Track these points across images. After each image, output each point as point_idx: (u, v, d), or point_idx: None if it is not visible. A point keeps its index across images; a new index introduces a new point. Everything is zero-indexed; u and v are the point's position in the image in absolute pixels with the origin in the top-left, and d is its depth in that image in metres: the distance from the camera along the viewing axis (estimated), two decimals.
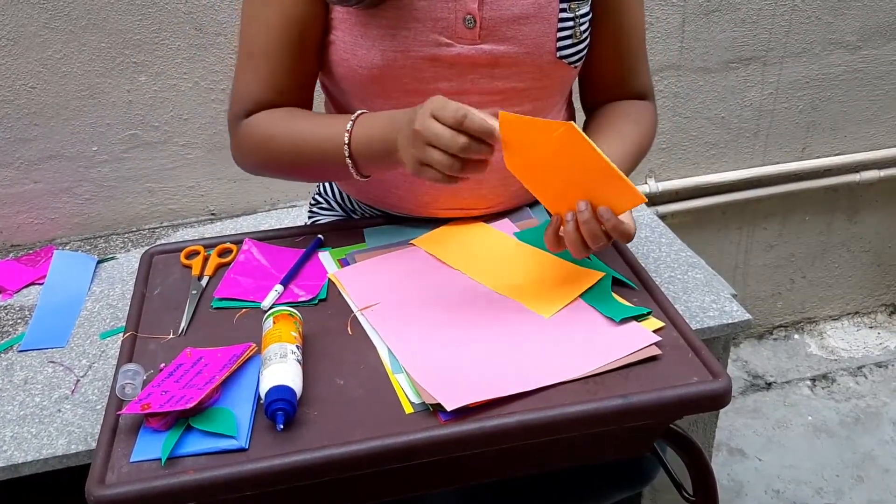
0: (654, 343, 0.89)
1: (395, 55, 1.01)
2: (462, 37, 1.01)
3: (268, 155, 1.08)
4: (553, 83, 1.08)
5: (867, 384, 2.22)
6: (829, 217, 2.22)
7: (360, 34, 1.01)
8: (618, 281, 1.00)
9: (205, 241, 1.13)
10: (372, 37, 1.01)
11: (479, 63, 1.03)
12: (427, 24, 1.00)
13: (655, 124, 1.19)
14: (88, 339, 1.38)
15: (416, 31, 1.00)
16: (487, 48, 1.02)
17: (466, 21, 1.00)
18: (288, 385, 0.81)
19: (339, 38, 1.03)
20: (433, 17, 1.00)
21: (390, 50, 1.01)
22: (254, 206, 1.80)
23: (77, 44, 1.56)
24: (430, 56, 1.02)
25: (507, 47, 1.03)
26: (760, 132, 2.01)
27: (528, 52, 1.03)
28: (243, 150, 1.11)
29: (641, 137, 1.13)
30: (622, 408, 0.80)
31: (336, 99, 1.15)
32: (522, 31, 1.02)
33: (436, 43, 1.01)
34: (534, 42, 1.03)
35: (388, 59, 1.01)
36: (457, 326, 0.93)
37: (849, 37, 1.93)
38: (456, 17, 1.00)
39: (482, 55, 1.03)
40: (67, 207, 1.70)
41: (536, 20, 1.02)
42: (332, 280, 1.04)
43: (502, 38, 1.02)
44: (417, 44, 1.01)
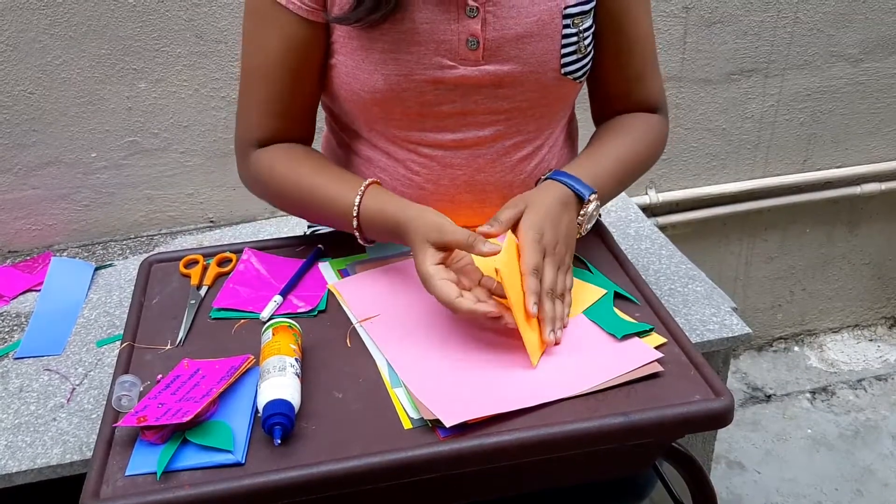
0: (656, 360, 0.88)
1: (397, 79, 1.00)
2: (465, 58, 1.00)
3: (276, 201, 1.11)
4: (557, 100, 1.08)
5: (867, 397, 2.21)
6: (830, 229, 2.21)
7: (362, 58, 1.00)
8: (620, 295, 1.00)
9: (204, 250, 1.12)
10: (374, 60, 1.00)
11: (483, 84, 1.02)
12: (430, 46, 0.99)
13: (662, 137, 1.16)
14: (85, 346, 1.37)
15: (419, 54, 0.99)
16: (491, 69, 1.01)
17: (469, 42, 0.99)
18: (286, 399, 0.80)
19: (340, 62, 1.02)
20: (436, 39, 0.99)
21: (393, 74, 1.00)
22: (253, 214, 1.80)
23: (77, 50, 1.55)
24: (433, 79, 1.00)
25: (511, 67, 1.01)
26: (761, 144, 2.01)
27: (532, 70, 1.02)
28: (252, 185, 1.13)
29: (632, 153, 1.10)
30: (623, 426, 0.79)
31: (338, 120, 1.15)
32: (526, 49, 1.01)
33: (438, 65, 1.00)
34: (538, 60, 1.02)
35: (390, 82, 1.00)
36: (456, 340, 0.92)
37: (851, 49, 1.93)
38: (459, 38, 0.99)
39: (486, 76, 1.02)
40: (66, 214, 1.69)
41: (540, 38, 1.01)
42: (331, 291, 1.04)
43: (506, 58, 1.01)
44: (420, 67, 1.00)
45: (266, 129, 1.07)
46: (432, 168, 1.08)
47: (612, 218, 1.69)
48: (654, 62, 1.15)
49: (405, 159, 1.08)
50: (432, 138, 1.06)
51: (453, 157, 1.07)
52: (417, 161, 1.08)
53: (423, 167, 1.08)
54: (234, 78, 1.64)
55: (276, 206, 1.13)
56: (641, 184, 1.98)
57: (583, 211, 1.00)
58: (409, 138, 1.06)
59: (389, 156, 1.09)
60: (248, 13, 1.04)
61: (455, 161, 1.07)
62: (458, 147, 1.06)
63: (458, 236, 0.90)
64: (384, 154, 1.10)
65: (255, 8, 1.02)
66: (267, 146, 1.08)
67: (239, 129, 1.09)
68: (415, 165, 1.08)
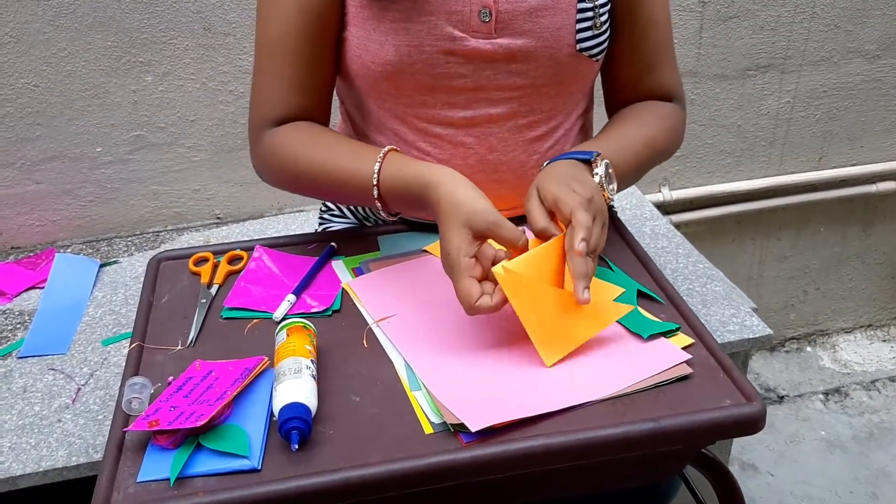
0: (685, 361, 0.85)
1: (408, 49, 0.98)
2: (477, 30, 0.98)
3: (292, 179, 1.05)
4: (573, 79, 1.05)
5: (881, 399, 2.19)
6: (844, 228, 2.18)
7: (373, 28, 0.98)
8: (642, 294, 0.97)
9: (214, 248, 1.09)
10: (385, 31, 0.98)
11: (496, 58, 1.00)
12: (441, 17, 0.97)
13: (678, 125, 1.12)
14: (90, 345, 1.35)
15: (430, 24, 0.97)
16: (504, 42, 0.99)
17: (482, 14, 0.97)
18: (303, 402, 0.77)
19: (352, 35, 1.01)
20: (447, 10, 0.97)
21: (404, 44, 0.98)
22: (260, 210, 1.77)
23: (82, 42, 1.52)
24: (444, 50, 0.98)
25: (525, 41, 0.99)
26: (776, 141, 1.98)
27: (547, 45, 1.00)
28: (265, 166, 1.07)
29: (644, 136, 1.06)
30: (653, 432, 0.76)
31: (349, 104, 1.12)
32: (540, 23, 0.98)
33: (450, 37, 0.98)
34: (552, 35, 0.99)
35: (401, 53, 0.98)
36: (477, 341, 0.89)
37: (868, 45, 1.90)
38: (471, 10, 0.97)
39: (499, 49, 0.99)
40: (70, 209, 1.66)
41: (554, 11, 0.99)
42: (345, 290, 1.01)
43: (519, 32, 0.99)
44: (431, 38, 0.98)
45: (283, 105, 1.03)
46: (444, 147, 1.06)
47: (628, 216, 1.66)
48: (670, 51, 1.11)
49: (415, 140, 1.06)
50: (443, 115, 1.03)
51: (465, 135, 1.05)
52: (428, 141, 1.06)
53: (434, 147, 1.06)
54: (243, 72, 1.61)
55: (291, 187, 1.07)
56: (655, 181, 1.95)
57: (595, 172, 0.94)
58: (419, 116, 1.04)
59: (399, 137, 1.07)
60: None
61: (467, 140, 1.05)
62: (470, 125, 1.04)
63: (514, 235, 0.84)
64: (394, 137, 1.07)
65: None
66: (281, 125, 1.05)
67: (253, 111, 1.06)
68: (426, 146, 1.06)
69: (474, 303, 0.83)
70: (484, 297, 0.83)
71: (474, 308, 0.83)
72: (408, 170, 0.93)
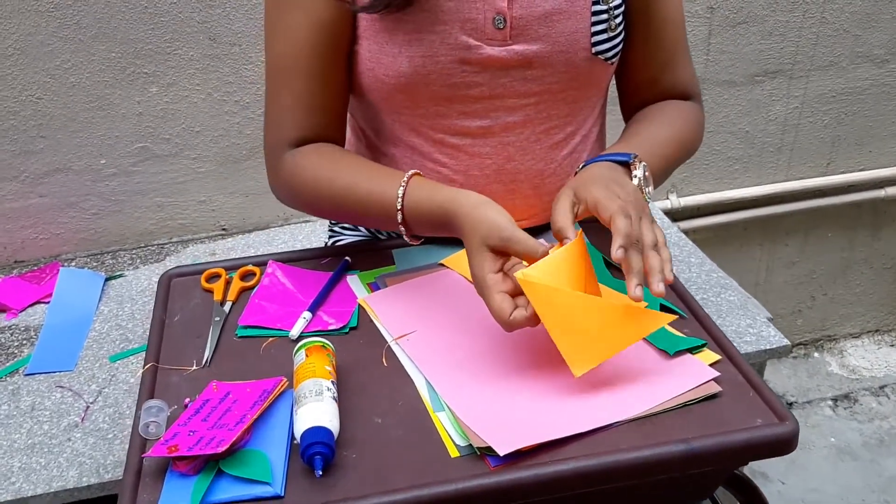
0: (713, 379, 0.83)
1: (422, 60, 0.96)
2: (492, 38, 0.96)
3: (313, 202, 1.03)
4: (589, 83, 1.03)
5: (890, 404, 2.17)
6: (852, 234, 2.17)
7: (386, 41, 0.97)
8: (665, 308, 0.95)
9: (226, 263, 1.07)
10: (398, 43, 0.96)
11: (511, 65, 0.98)
12: (455, 26, 0.95)
13: (698, 121, 1.10)
14: (97, 361, 1.33)
15: (444, 34, 0.95)
16: (519, 48, 0.97)
17: (496, 21, 0.96)
18: (325, 426, 0.75)
19: (364, 48, 0.99)
20: (461, 18, 0.95)
21: (418, 55, 0.96)
22: (266, 222, 1.75)
23: (86, 53, 1.50)
24: (459, 59, 0.97)
25: (540, 46, 0.98)
26: (784, 147, 1.97)
27: (562, 50, 0.98)
28: (285, 189, 1.04)
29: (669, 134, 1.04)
30: (685, 454, 0.74)
31: (362, 120, 1.10)
32: (555, 27, 0.97)
33: (464, 45, 0.96)
34: (567, 39, 0.98)
35: (415, 64, 0.96)
36: (500, 359, 0.88)
37: (877, 50, 1.89)
38: (485, 17, 0.96)
39: (514, 56, 0.98)
40: (74, 222, 1.64)
41: (569, 15, 0.97)
42: (362, 306, 0.99)
43: (534, 37, 0.97)
44: (445, 47, 0.96)
45: (298, 126, 1.01)
46: (460, 158, 1.04)
47: None
48: (685, 48, 1.10)
49: (431, 152, 1.04)
50: (459, 125, 1.02)
51: (482, 145, 1.03)
52: (444, 152, 1.04)
53: (450, 158, 1.04)
54: (248, 82, 1.59)
55: (311, 210, 1.05)
56: (663, 188, 1.93)
57: (634, 174, 0.92)
58: (435, 127, 1.02)
59: (414, 150, 1.05)
60: (268, 6, 0.99)
61: (483, 150, 1.03)
62: (486, 134, 1.03)
63: (529, 247, 0.82)
64: (409, 149, 1.05)
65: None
66: (300, 147, 1.02)
67: (268, 133, 1.04)
68: (442, 157, 1.04)
69: (508, 317, 0.81)
70: (518, 311, 0.81)
71: (509, 323, 0.81)
72: (433, 197, 0.91)
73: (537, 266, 0.81)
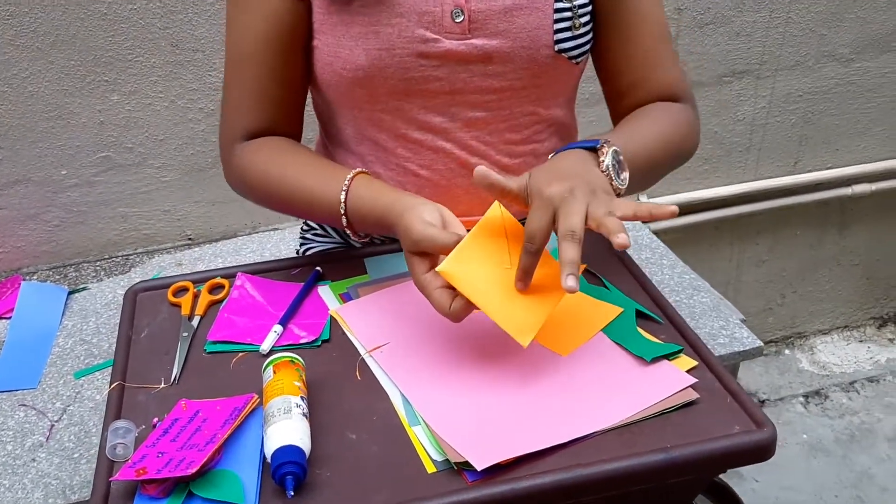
0: (691, 385, 0.82)
1: (379, 53, 0.95)
2: (450, 31, 0.96)
3: (263, 196, 1.04)
4: (553, 81, 1.02)
5: (860, 400, 2.20)
6: (820, 231, 2.19)
7: (342, 34, 0.96)
8: (641, 314, 0.94)
9: (193, 277, 1.05)
10: (354, 36, 0.96)
11: (471, 59, 0.97)
12: (412, 18, 0.95)
13: (688, 124, 1.05)
14: (62, 378, 1.29)
15: (401, 26, 0.95)
16: (479, 42, 0.96)
17: (454, 14, 0.95)
18: (296, 445, 0.73)
19: (321, 42, 0.98)
20: (418, 11, 0.95)
21: (374, 48, 0.95)
22: (234, 230, 1.72)
23: (44, 62, 1.47)
24: (416, 52, 0.96)
25: (500, 41, 0.97)
26: (753, 147, 1.98)
27: (524, 45, 0.97)
28: (237, 182, 1.06)
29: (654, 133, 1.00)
30: (665, 463, 0.73)
31: (325, 112, 1.10)
32: (515, 23, 0.96)
33: (422, 38, 0.95)
34: (528, 35, 0.97)
35: (372, 57, 0.96)
36: (475, 369, 0.86)
37: (842, 49, 1.91)
38: (443, 10, 0.95)
39: (473, 50, 0.97)
40: (35, 235, 1.60)
41: (530, 11, 0.96)
42: (334, 317, 0.97)
43: (494, 32, 0.96)
44: (402, 40, 0.95)
45: (252, 118, 1.02)
46: (423, 153, 1.03)
47: None
48: (667, 47, 1.06)
49: (394, 147, 1.04)
50: (421, 120, 1.01)
51: (444, 140, 1.03)
52: (408, 147, 1.03)
53: (413, 153, 1.04)
54: (213, 89, 1.56)
55: (261, 202, 1.06)
56: None
57: (602, 160, 0.88)
58: (397, 122, 1.02)
59: (378, 145, 1.05)
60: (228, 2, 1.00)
61: (446, 145, 1.03)
62: (449, 129, 1.02)
63: (440, 243, 0.83)
64: (374, 145, 1.05)
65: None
66: (252, 140, 1.03)
67: (223, 126, 1.04)
68: (405, 152, 1.04)
69: (449, 309, 0.82)
70: (455, 301, 0.82)
71: (451, 315, 0.82)
72: (374, 201, 0.93)
73: (451, 255, 0.82)
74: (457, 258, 0.82)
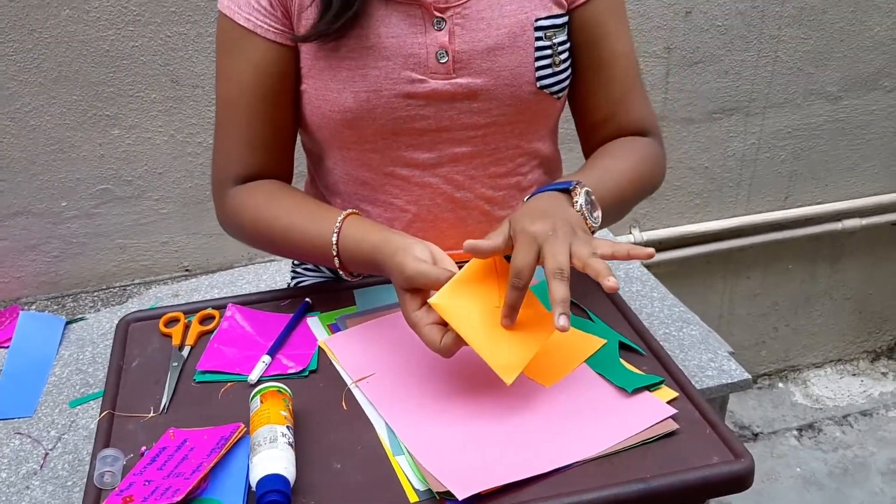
0: (671, 416, 0.84)
1: (367, 95, 0.98)
2: (436, 71, 0.99)
3: (255, 239, 1.07)
4: (536, 116, 1.05)
5: (853, 433, 2.20)
6: (812, 266, 2.21)
7: (330, 78, 0.99)
8: (624, 345, 0.96)
9: (185, 308, 1.07)
10: (342, 79, 0.98)
11: (456, 97, 1.00)
12: (398, 60, 0.98)
13: (656, 156, 1.09)
14: (57, 407, 1.31)
15: (387, 68, 0.98)
16: (463, 81, 0.99)
17: (439, 55, 0.98)
18: (280, 473, 0.74)
19: (310, 87, 1.01)
20: (403, 53, 0.98)
21: (362, 90, 0.98)
22: (230, 262, 1.74)
23: (47, 97, 1.50)
24: (403, 93, 0.99)
25: (484, 80, 0.99)
26: (743, 182, 2.00)
27: (507, 83, 1.00)
28: (229, 225, 1.08)
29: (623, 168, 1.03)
30: (644, 493, 0.75)
31: (314, 152, 1.12)
32: (498, 61, 0.99)
33: (408, 80, 0.98)
34: (511, 73, 1.00)
35: (360, 99, 0.98)
36: (459, 400, 0.88)
37: (830, 87, 1.94)
38: (428, 51, 0.98)
39: (458, 89, 1.00)
40: (34, 265, 1.62)
41: (511, 50, 0.99)
42: (322, 348, 0.99)
43: (478, 71, 0.99)
44: (389, 82, 0.98)
45: (243, 163, 1.04)
46: (410, 190, 1.06)
47: None
48: (638, 84, 1.10)
49: (382, 185, 1.06)
50: (408, 157, 1.04)
51: (431, 176, 1.05)
52: (395, 184, 1.06)
53: (401, 189, 1.06)
54: (211, 123, 1.58)
55: (254, 244, 1.09)
56: (626, 223, 1.96)
57: (575, 200, 0.91)
58: (384, 160, 1.04)
59: (366, 184, 1.07)
60: (218, 47, 1.03)
61: (433, 181, 1.05)
62: (435, 166, 1.04)
63: (432, 278, 0.85)
64: (361, 185, 1.07)
65: (226, 39, 1.01)
66: (244, 183, 1.05)
67: (215, 168, 1.07)
68: (393, 189, 1.06)
69: (440, 345, 0.84)
70: (445, 336, 0.84)
71: (441, 350, 0.84)
72: (364, 241, 0.95)
73: (443, 289, 0.84)
74: (448, 293, 0.84)
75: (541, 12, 1.00)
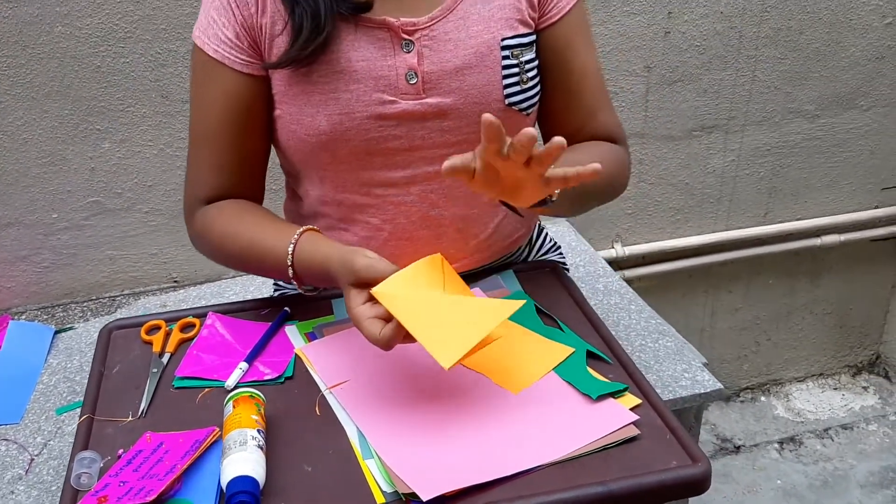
0: (633, 422, 0.87)
1: (339, 118, 1.01)
2: (406, 92, 1.02)
3: (221, 256, 1.11)
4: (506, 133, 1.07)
5: (834, 446, 2.22)
6: (793, 280, 2.24)
7: (304, 103, 1.02)
8: (591, 354, 0.99)
9: (166, 315, 1.10)
10: (315, 103, 1.01)
11: (427, 116, 1.03)
12: (368, 83, 1.01)
13: (622, 161, 1.13)
14: (44, 414, 1.33)
15: (358, 91, 1.01)
16: (433, 101, 1.02)
17: (408, 76, 1.01)
18: (249, 475, 0.77)
19: (284, 112, 1.04)
20: (374, 75, 1.01)
21: (335, 113, 1.01)
22: (218, 273, 1.77)
23: (39, 111, 1.53)
24: (374, 114, 1.02)
25: (454, 98, 1.03)
26: (723, 198, 2.04)
27: (476, 101, 1.03)
28: (199, 244, 1.13)
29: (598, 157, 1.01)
30: (603, 495, 0.78)
31: (291, 174, 1.16)
32: (467, 81, 1.02)
33: (379, 101, 1.01)
34: (479, 91, 1.03)
35: (333, 122, 1.01)
36: (429, 405, 0.91)
37: (807, 106, 1.98)
38: (397, 73, 1.01)
39: (428, 108, 1.03)
40: (25, 276, 1.65)
41: (479, 69, 1.02)
42: (298, 355, 1.02)
43: (447, 91, 1.02)
44: (361, 104, 1.01)
45: (211, 186, 1.08)
46: (386, 209, 1.09)
47: (581, 273, 1.70)
48: (606, 96, 1.14)
49: (360, 204, 1.09)
50: (382, 177, 1.06)
51: (405, 194, 1.08)
52: (371, 203, 1.09)
53: (377, 209, 1.09)
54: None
55: (221, 261, 1.13)
56: (608, 238, 1.99)
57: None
58: (360, 181, 1.07)
59: (342, 205, 1.10)
60: (192, 74, 1.06)
61: (408, 199, 1.08)
62: (409, 184, 1.07)
63: (379, 271, 0.88)
64: (337, 205, 1.10)
65: (198, 68, 1.05)
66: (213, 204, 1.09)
67: (186, 190, 1.11)
68: (370, 208, 1.09)
69: (378, 335, 0.86)
70: (385, 328, 0.86)
71: (381, 341, 0.86)
72: (316, 252, 0.98)
73: (387, 280, 0.87)
74: (393, 283, 0.87)
75: (507, 32, 1.04)
